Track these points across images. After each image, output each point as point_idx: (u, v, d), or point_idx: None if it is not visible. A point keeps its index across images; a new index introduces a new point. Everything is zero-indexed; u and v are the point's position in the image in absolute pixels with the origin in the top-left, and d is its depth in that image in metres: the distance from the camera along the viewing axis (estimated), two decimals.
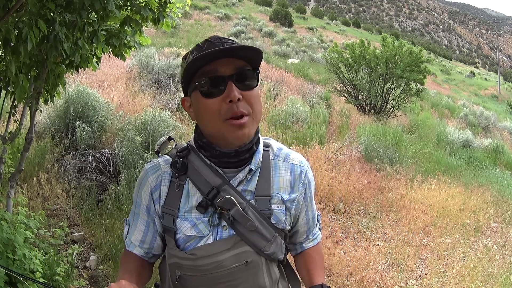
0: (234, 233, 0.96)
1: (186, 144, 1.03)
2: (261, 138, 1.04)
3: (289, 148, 1.10)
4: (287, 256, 1.14)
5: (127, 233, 1.07)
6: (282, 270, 1.09)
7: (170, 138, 1.06)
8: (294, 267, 1.18)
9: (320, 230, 1.18)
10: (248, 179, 0.98)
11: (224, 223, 0.96)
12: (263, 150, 1.03)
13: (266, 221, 0.97)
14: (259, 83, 0.98)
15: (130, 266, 1.03)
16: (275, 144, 1.07)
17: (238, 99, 0.89)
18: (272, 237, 0.98)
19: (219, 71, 0.90)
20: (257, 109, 0.94)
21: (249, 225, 0.95)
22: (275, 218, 0.99)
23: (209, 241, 0.96)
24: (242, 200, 0.96)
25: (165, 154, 1.04)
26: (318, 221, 1.16)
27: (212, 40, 0.94)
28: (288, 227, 1.04)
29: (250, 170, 0.98)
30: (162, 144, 1.04)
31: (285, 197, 1.01)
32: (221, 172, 0.97)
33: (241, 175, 0.97)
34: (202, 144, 0.98)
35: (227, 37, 0.96)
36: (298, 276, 1.16)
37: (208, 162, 0.98)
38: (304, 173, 1.05)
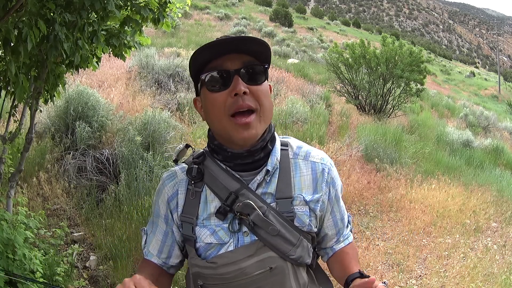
0: (256, 238, 0.91)
1: (202, 150, 1.00)
2: (278, 137, 1.01)
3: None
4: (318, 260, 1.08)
5: (145, 243, 1.03)
6: (312, 274, 1.02)
7: (187, 146, 1.03)
8: (327, 272, 1.11)
9: (351, 232, 1.10)
10: (267, 181, 0.94)
11: (245, 228, 0.92)
12: (282, 149, 0.98)
13: (289, 224, 0.92)
14: (267, 79, 0.95)
15: (147, 271, 1.00)
16: (294, 143, 1.03)
17: (244, 92, 0.87)
18: (297, 241, 0.93)
19: (225, 65, 0.89)
20: (266, 105, 0.91)
21: (271, 230, 0.90)
22: (299, 221, 0.94)
23: (231, 248, 0.92)
24: (262, 204, 0.91)
25: (182, 162, 1.02)
26: (349, 222, 1.09)
27: (221, 38, 0.93)
28: (314, 229, 0.98)
29: (267, 171, 0.93)
30: (180, 152, 1.02)
31: (308, 197, 0.95)
32: (238, 176, 0.94)
33: (258, 177, 0.93)
34: (214, 147, 0.96)
35: (240, 35, 0.94)
36: (330, 280, 1.09)
37: (224, 166, 0.95)
38: (326, 171, 0.99)
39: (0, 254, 2.05)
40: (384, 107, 9.74)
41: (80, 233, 3.25)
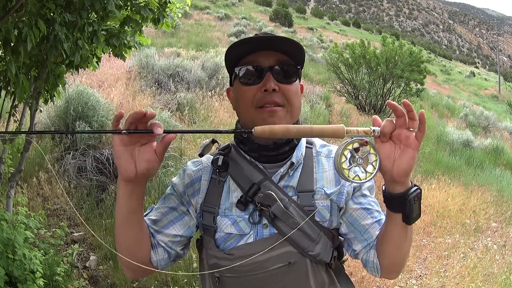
0: (276, 232, 0.90)
1: (228, 143, 1.02)
2: None
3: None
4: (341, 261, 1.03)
5: (146, 214, 0.98)
6: (332, 274, 0.98)
7: (214, 141, 1.02)
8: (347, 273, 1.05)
9: None
10: (290, 174, 0.95)
11: (264, 221, 0.91)
12: (306, 147, 1.00)
13: (310, 218, 0.90)
14: (300, 79, 0.97)
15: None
16: (318, 142, 1.04)
17: (274, 90, 0.89)
18: (317, 237, 0.91)
19: (259, 61, 0.91)
20: (295, 103, 0.93)
21: (291, 222, 0.89)
22: (319, 215, 0.93)
23: (250, 240, 0.91)
24: (284, 196, 0.91)
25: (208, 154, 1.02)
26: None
27: (259, 34, 0.95)
28: (334, 225, 0.95)
29: (292, 164, 0.94)
30: (206, 147, 1.02)
31: (329, 191, 0.94)
32: (262, 167, 0.95)
33: (282, 170, 0.94)
34: (241, 137, 0.97)
35: (276, 35, 0.94)
36: (351, 281, 1.04)
37: (248, 157, 0.96)
38: None
39: (0, 254, 2.05)
40: (384, 107, 9.74)
41: (80, 233, 3.26)
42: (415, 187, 0.84)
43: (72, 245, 3.06)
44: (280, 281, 0.89)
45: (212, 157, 0.98)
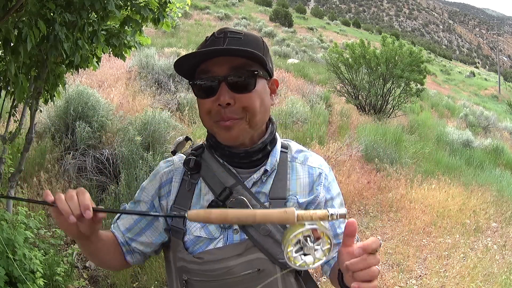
0: (246, 237, 0.89)
1: (201, 143, 0.99)
2: (279, 139, 0.99)
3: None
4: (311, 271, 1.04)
5: (118, 218, 0.99)
6: (301, 281, 0.98)
7: (187, 138, 1.02)
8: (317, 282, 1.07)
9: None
10: (263, 180, 0.93)
11: (235, 226, 0.90)
12: (281, 151, 0.97)
13: (281, 226, 0.89)
14: (270, 76, 0.92)
15: (105, 233, 0.95)
16: (294, 146, 1.01)
17: (228, 103, 0.84)
18: None
19: (212, 71, 0.85)
20: (256, 112, 0.87)
21: (262, 229, 0.88)
22: None
23: (219, 244, 0.90)
24: (256, 202, 0.89)
25: (180, 153, 1.00)
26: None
27: (216, 34, 0.89)
28: None
29: (265, 171, 0.92)
30: (179, 144, 1.01)
31: (302, 200, 0.93)
32: (235, 172, 0.93)
33: (255, 176, 0.92)
34: (212, 143, 0.95)
35: (236, 30, 0.89)
36: None
37: (222, 161, 0.94)
38: (323, 176, 0.97)
39: (0, 254, 2.05)
40: (384, 107, 9.74)
41: None
42: None
43: (72, 245, 3.06)
44: (249, 287, 0.88)
45: (185, 157, 0.96)
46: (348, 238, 0.70)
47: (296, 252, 0.70)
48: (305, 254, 0.70)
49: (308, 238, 0.69)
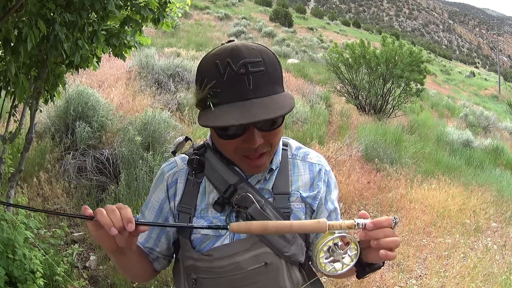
0: None
1: (203, 142, 1.00)
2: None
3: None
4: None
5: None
6: (304, 274, 1.01)
7: (187, 138, 1.02)
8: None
9: None
10: (266, 178, 0.95)
11: (241, 221, 0.92)
12: (282, 149, 1.00)
13: (285, 220, 0.92)
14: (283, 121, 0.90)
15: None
16: (294, 144, 1.04)
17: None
18: (292, 238, 0.94)
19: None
20: (277, 142, 0.89)
21: None
22: (295, 217, 0.94)
23: (226, 241, 0.92)
24: (260, 198, 0.92)
25: (182, 153, 1.02)
26: None
27: (236, 69, 0.78)
28: None
29: (271, 169, 0.95)
30: (179, 144, 1.01)
31: (305, 194, 0.97)
32: (238, 170, 0.94)
33: (259, 175, 0.94)
34: (215, 147, 0.96)
35: (254, 59, 0.79)
36: (321, 281, 1.08)
37: (225, 160, 0.95)
38: (323, 172, 1.01)
39: (0, 254, 2.05)
40: (384, 107, 9.74)
41: (80, 233, 3.25)
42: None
43: (72, 245, 3.06)
44: (256, 282, 0.91)
45: (188, 157, 0.97)
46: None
47: (326, 259, 0.78)
48: (334, 261, 0.79)
49: (336, 246, 0.78)
